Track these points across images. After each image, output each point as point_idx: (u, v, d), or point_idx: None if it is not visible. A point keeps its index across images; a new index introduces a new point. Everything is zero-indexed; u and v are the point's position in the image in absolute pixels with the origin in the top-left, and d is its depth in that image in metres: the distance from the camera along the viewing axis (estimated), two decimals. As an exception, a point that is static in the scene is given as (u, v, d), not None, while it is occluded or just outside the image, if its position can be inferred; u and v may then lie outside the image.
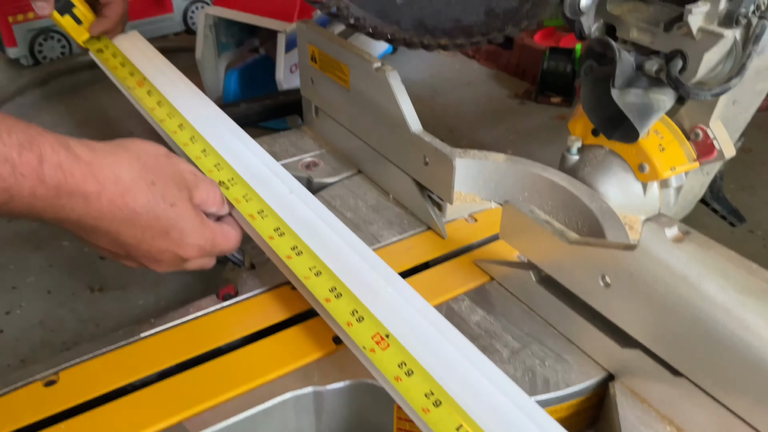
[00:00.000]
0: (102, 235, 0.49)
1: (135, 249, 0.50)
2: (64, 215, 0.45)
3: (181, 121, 0.70)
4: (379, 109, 0.69)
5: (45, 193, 0.43)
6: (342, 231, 0.59)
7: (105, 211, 0.46)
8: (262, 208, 0.60)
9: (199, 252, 0.53)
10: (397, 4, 0.45)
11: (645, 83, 0.63)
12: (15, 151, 0.40)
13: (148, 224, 0.49)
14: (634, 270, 0.46)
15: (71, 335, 0.68)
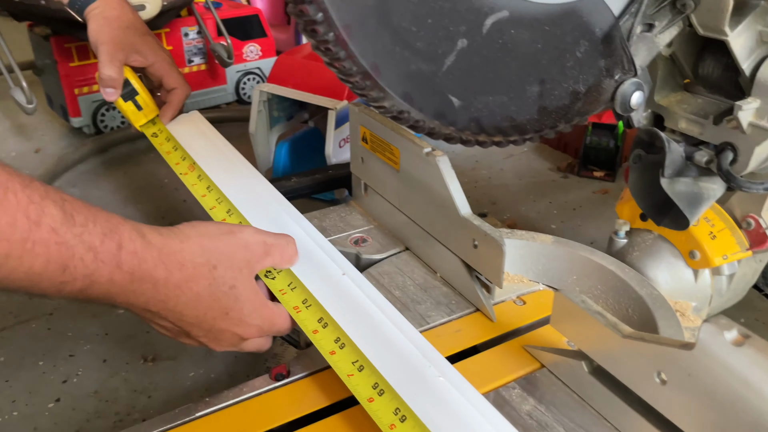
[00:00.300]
0: (165, 317, 0.51)
1: (196, 329, 0.53)
2: (134, 299, 0.48)
3: (229, 207, 0.71)
4: (429, 190, 0.71)
5: (121, 278, 0.45)
6: (394, 315, 0.60)
7: (171, 295, 0.49)
8: (306, 298, 0.60)
9: (257, 332, 0.55)
10: (454, 107, 0.47)
11: (694, 172, 0.63)
12: (98, 239, 0.43)
13: (209, 306, 0.51)
14: (692, 370, 0.45)
15: (124, 406, 0.70)
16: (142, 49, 0.79)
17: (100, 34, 0.77)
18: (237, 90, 1.47)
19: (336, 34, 0.41)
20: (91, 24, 0.79)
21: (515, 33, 0.48)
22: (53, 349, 0.78)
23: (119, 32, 0.78)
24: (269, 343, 0.58)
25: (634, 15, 0.53)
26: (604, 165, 1.17)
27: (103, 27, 0.78)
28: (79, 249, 0.42)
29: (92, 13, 0.79)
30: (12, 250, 0.39)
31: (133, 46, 0.79)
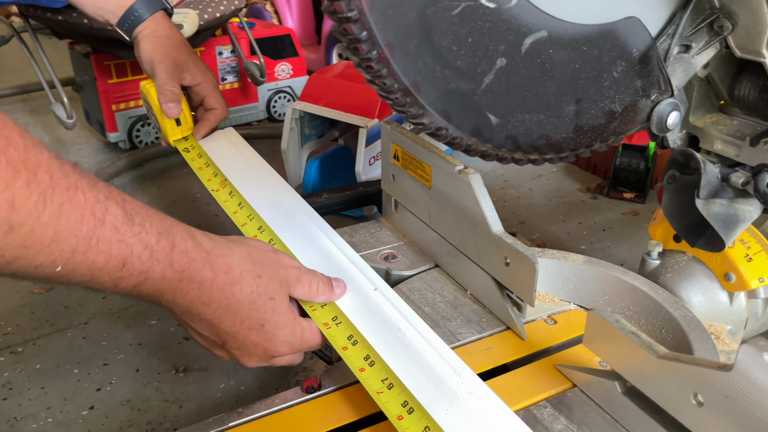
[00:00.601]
0: (205, 321, 0.52)
1: (231, 338, 0.53)
2: (180, 298, 0.49)
3: (261, 224, 0.72)
4: (460, 208, 0.71)
5: (171, 276, 0.47)
6: (425, 331, 0.60)
7: (214, 297, 0.50)
8: (336, 315, 0.61)
9: (289, 348, 0.55)
10: (491, 125, 0.48)
11: (730, 194, 0.63)
12: (154, 238, 0.45)
13: (247, 315, 0.52)
14: (730, 392, 0.45)
15: (156, 416, 0.71)
16: (192, 68, 0.82)
17: (156, 53, 0.80)
18: (268, 108, 1.50)
19: (379, 52, 0.42)
20: (143, 44, 0.82)
21: (553, 53, 0.49)
22: (88, 357, 0.79)
23: (173, 51, 0.81)
24: (300, 359, 0.59)
25: (671, 36, 0.53)
26: (634, 186, 1.16)
27: (157, 46, 0.81)
28: (137, 247, 0.44)
29: (143, 33, 0.82)
30: (79, 245, 0.41)
31: (185, 64, 0.82)
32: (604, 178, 1.22)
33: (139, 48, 0.82)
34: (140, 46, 0.82)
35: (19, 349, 0.81)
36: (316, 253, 0.71)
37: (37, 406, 0.72)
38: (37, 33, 1.20)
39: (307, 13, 1.82)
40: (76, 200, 0.40)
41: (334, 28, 0.42)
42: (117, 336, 0.83)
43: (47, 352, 0.80)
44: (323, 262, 0.69)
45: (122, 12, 0.82)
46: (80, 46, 1.33)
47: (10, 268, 0.40)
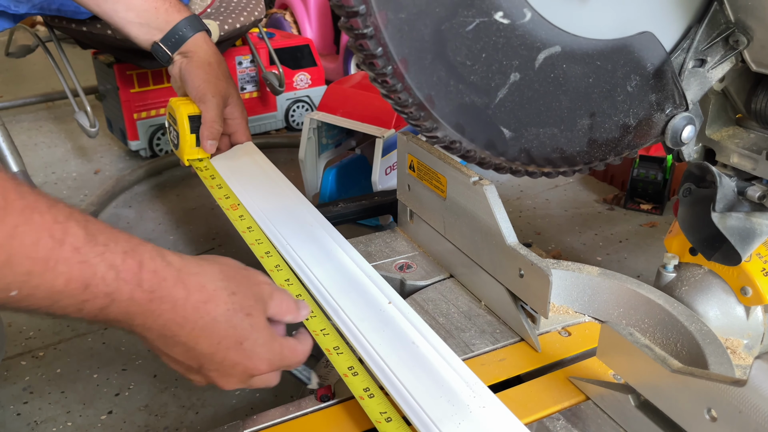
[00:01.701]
0: (180, 344, 0.48)
1: (209, 360, 0.50)
2: (152, 321, 0.46)
3: (269, 248, 0.73)
4: (475, 219, 0.72)
5: (141, 297, 0.45)
6: (438, 345, 0.60)
7: (189, 317, 0.48)
8: (338, 345, 0.61)
9: (268, 366, 0.53)
10: (505, 138, 0.48)
11: (746, 207, 0.63)
12: (119, 258, 0.43)
13: (225, 333, 0.50)
14: (743, 407, 0.45)
15: (173, 421, 0.72)
16: (233, 102, 0.85)
17: (209, 85, 0.82)
18: (287, 117, 1.51)
19: (394, 67, 0.42)
20: (195, 69, 0.83)
21: (567, 67, 0.49)
22: (107, 362, 0.81)
23: (222, 83, 0.84)
24: (277, 379, 0.56)
25: (686, 50, 0.53)
26: (651, 198, 1.16)
27: (210, 77, 0.83)
28: (101, 267, 0.42)
29: (193, 54, 0.84)
30: (35, 267, 0.39)
31: (230, 98, 0.85)
32: (621, 190, 1.22)
33: (187, 71, 0.84)
34: (189, 69, 0.84)
35: (41, 354, 0.82)
36: (331, 266, 0.72)
37: (57, 409, 0.73)
38: (62, 42, 1.23)
39: (326, 23, 1.84)
40: (32, 221, 0.39)
41: (350, 44, 0.43)
42: (135, 342, 0.84)
43: (67, 357, 0.82)
44: (338, 274, 0.70)
45: (169, 28, 0.84)
46: (104, 55, 1.35)
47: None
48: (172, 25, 0.84)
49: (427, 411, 0.52)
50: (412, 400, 0.53)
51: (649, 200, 1.16)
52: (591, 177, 1.30)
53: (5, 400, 0.75)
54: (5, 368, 0.80)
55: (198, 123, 0.84)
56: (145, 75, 1.32)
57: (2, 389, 0.77)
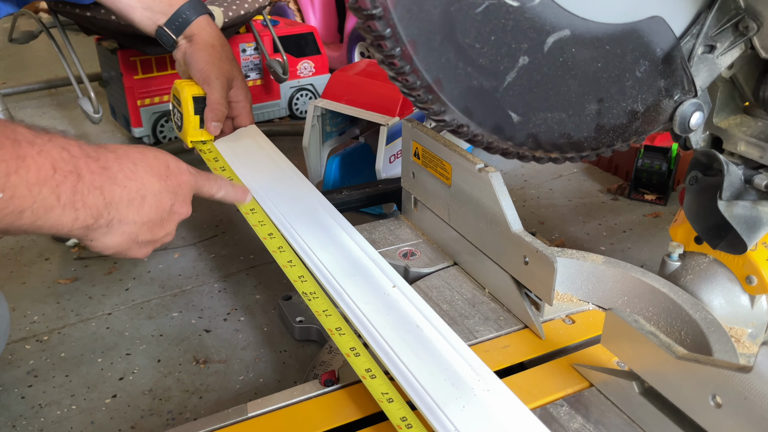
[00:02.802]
0: (145, 196, 0.57)
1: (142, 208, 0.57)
2: (114, 188, 0.54)
3: (272, 230, 0.73)
4: (480, 206, 0.72)
5: (96, 167, 0.52)
6: (443, 328, 0.60)
7: (127, 167, 0.56)
8: (341, 326, 0.62)
9: None
10: (513, 123, 0.48)
11: (753, 196, 0.62)
12: (63, 141, 0.50)
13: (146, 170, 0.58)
14: (748, 393, 0.45)
15: (177, 405, 0.72)
16: (238, 84, 0.86)
17: (213, 67, 0.83)
18: (290, 105, 1.51)
19: (402, 49, 0.42)
20: (199, 51, 0.83)
21: (576, 51, 0.49)
22: (111, 347, 0.81)
23: (226, 65, 0.84)
24: None
25: (695, 36, 0.53)
26: (655, 188, 1.15)
27: (214, 58, 0.83)
28: (55, 151, 0.49)
29: (198, 38, 0.84)
30: (9, 167, 0.45)
31: (234, 81, 0.85)
32: (625, 180, 1.22)
33: (191, 53, 0.84)
34: (193, 51, 0.84)
35: (45, 338, 0.83)
36: (335, 249, 0.72)
37: (61, 393, 0.74)
38: (65, 28, 1.22)
39: (330, 11, 1.83)
40: None
41: (359, 25, 0.43)
42: (139, 327, 0.84)
43: (72, 341, 0.82)
44: (342, 258, 0.70)
45: (172, 11, 0.84)
46: (107, 42, 1.35)
47: None
48: (175, 9, 0.84)
49: (431, 394, 0.52)
50: (416, 383, 0.53)
51: (654, 190, 1.16)
52: (595, 167, 1.29)
53: (9, 384, 0.75)
54: (9, 352, 0.80)
55: (202, 104, 0.84)
56: (149, 61, 1.32)
57: (6, 373, 0.77)
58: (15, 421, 0.70)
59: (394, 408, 0.52)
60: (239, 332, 0.83)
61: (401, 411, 0.52)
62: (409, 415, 0.52)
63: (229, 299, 0.90)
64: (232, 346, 0.81)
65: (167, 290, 0.92)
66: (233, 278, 0.94)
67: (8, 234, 0.52)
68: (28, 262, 0.99)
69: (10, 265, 0.98)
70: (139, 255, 0.61)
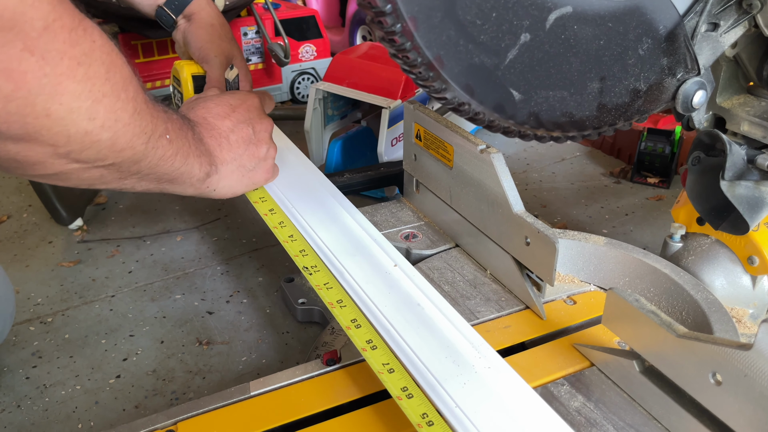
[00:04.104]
0: (238, 121, 0.69)
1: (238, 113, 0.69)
2: (215, 121, 0.67)
3: (273, 206, 0.74)
4: (482, 187, 0.72)
5: (191, 125, 0.63)
6: (444, 307, 0.61)
7: None
8: (341, 298, 0.62)
9: None
10: (514, 101, 0.48)
11: (756, 176, 0.62)
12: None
13: None
14: (749, 371, 0.45)
15: (180, 386, 0.72)
16: (236, 63, 0.86)
17: (212, 45, 0.84)
18: (292, 89, 1.50)
19: (403, 25, 0.42)
20: (197, 30, 0.84)
21: (578, 29, 0.48)
22: (115, 329, 0.81)
23: (225, 43, 0.85)
24: None
25: (698, 14, 0.53)
26: (658, 171, 1.15)
27: (213, 37, 0.84)
28: (171, 110, 0.58)
29: (197, 16, 0.85)
30: (165, 117, 0.55)
31: (234, 60, 0.86)
32: (628, 163, 1.21)
33: (190, 32, 0.84)
34: (192, 30, 0.84)
35: (49, 320, 0.83)
36: (337, 229, 0.72)
37: (65, 374, 0.74)
38: (67, 12, 1.22)
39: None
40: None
41: (359, 1, 0.42)
42: (143, 309, 0.85)
43: (75, 323, 0.82)
44: (343, 237, 0.70)
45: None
46: (108, 26, 1.34)
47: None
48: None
49: (432, 371, 0.53)
50: (417, 360, 0.54)
51: (657, 174, 1.15)
52: (598, 150, 1.29)
53: (14, 365, 0.76)
54: (14, 334, 0.81)
55: (202, 83, 0.84)
56: (150, 45, 1.31)
57: (11, 354, 0.77)
58: (20, 401, 0.71)
59: (395, 378, 0.53)
60: (242, 314, 0.84)
61: (402, 381, 0.52)
62: (410, 385, 0.52)
63: (231, 282, 0.90)
64: (234, 327, 0.81)
65: (170, 273, 0.92)
66: (236, 261, 0.95)
67: (159, 186, 0.59)
68: (32, 246, 0.99)
69: (14, 248, 0.99)
70: (261, 178, 0.73)
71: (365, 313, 0.59)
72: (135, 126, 0.49)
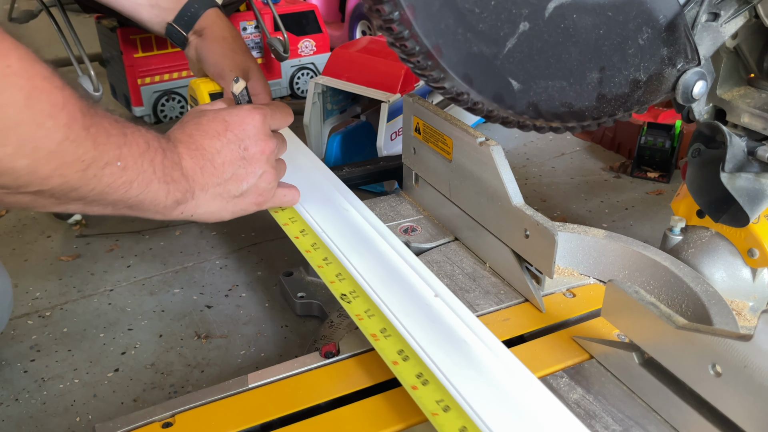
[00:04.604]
0: (229, 142, 0.62)
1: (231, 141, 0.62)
2: (202, 143, 0.61)
3: (303, 227, 0.72)
4: (481, 180, 0.71)
5: (179, 135, 0.60)
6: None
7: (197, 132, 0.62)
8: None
9: None
10: (513, 90, 0.47)
11: (756, 168, 0.62)
12: (145, 126, 0.56)
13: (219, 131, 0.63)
14: (748, 362, 0.45)
15: (178, 379, 0.72)
16: (254, 76, 0.82)
17: (226, 59, 0.80)
18: (291, 84, 1.50)
19: (401, 13, 0.42)
20: (211, 44, 0.80)
21: (577, 18, 0.48)
22: (113, 322, 0.81)
23: (240, 57, 0.81)
24: None
25: (699, 3, 0.52)
26: (658, 166, 1.15)
27: (226, 51, 0.80)
28: (143, 130, 0.54)
29: (208, 31, 0.81)
30: (120, 140, 0.50)
31: (250, 73, 0.82)
32: (628, 157, 1.21)
33: (203, 48, 0.81)
34: (205, 46, 0.81)
35: (47, 314, 0.83)
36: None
37: (64, 367, 0.74)
38: (65, 7, 1.21)
39: (331, -10, 1.81)
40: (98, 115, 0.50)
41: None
42: (141, 303, 0.84)
43: (74, 317, 0.82)
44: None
45: (180, 6, 0.81)
46: (107, 20, 1.34)
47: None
48: (182, 3, 0.81)
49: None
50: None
51: (657, 168, 1.15)
52: (598, 145, 1.29)
53: (12, 358, 0.76)
54: (12, 327, 0.81)
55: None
56: (149, 39, 1.31)
57: (9, 347, 0.77)
58: (18, 394, 0.70)
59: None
60: (241, 308, 0.83)
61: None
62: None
63: (230, 276, 0.90)
64: (233, 321, 0.81)
65: (169, 267, 0.92)
66: (235, 255, 0.95)
67: (116, 211, 0.55)
68: (31, 240, 0.99)
69: (13, 242, 0.99)
70: (250, 205, 0.66)
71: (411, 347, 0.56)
72: (65, 154, 0.46)
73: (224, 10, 1.22)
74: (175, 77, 1.35)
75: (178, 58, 1.34)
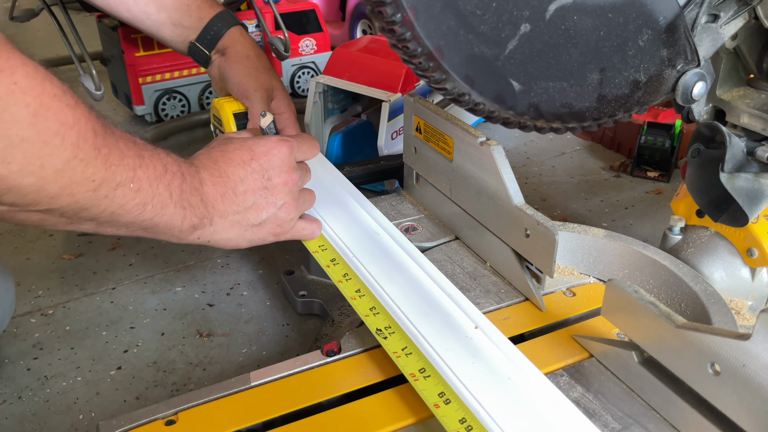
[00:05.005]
0: (251, 172, 0.62)
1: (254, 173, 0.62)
2: (219, 172, 0.60)
3: (334, 255, 0.70)
4: (481, 180, 0.72)
5: (195, 162, 0.60)
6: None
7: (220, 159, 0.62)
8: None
9: None
10: (514, 91, 0.48)
11: (755, 168, 0.62)
12: (164, 151, 0.56)
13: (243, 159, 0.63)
14: (747, 361, 0.45)
15: (180, 377, 0.73)
16: (279, 95, 0.81)
17: (250, 79, 0.79)
18: (292, 83, 1.50)
19: (403, 15, 0.42)
20: (234, 63, 0.79)
21: (578, 19, 0.48)
22: (115, 321, 0.82)
23: (264, 75, 0.80)
24: None
25: (699, 5, 0.53)
26: (658, 165, 1.15)
27: (250, 70, 0.79)
28: (161, 154, 0.55)
29: (232, 50, 0.80)
30: (135, 162, 0.51)
31: (274, 91, 0.81)
32: (628, 157, 1.21)
33: (226, 67, 0.80)
34: (228, 65, 0.80)
35: (50, 312, 0.83)
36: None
37: (66, 365, 0.74)
38: (67, 6, 1.22)
39: (332, -11, 1.81)
40: (114, 135, 0.51)
41: (359, -8, 0.42)
42: (143, 301, 0.85)
43: (76, 315, 0.83)
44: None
45: (203, 25, 0.80)
46: (108, 19, 1.34)
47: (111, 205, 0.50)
48: (205, 22, 0.81)
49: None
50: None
51: (656, 168, 1.15)
52: (598, 144, 1.29)
53: (15, 356, 0.76)
54: (14, 326, 0.81)
55: (244, 120, 0.80)
56: (150, 38, 1.31)
57: (12, 345, 0.78)
58: (21, 392, 0.71)
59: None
60: (242, 306, 0.84)
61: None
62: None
63: (232, 274, 0.90)
64: (235, 319, 0.81)
65: (170, 265, 0.92)
66: (236, 254, 0.95)
67: (131, 232, 0.55)
68: (33, 238, 0.99)
69: (15, 241, 0.99)
70: (268, 235, 0.65)
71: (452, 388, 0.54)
72: (73, 173, 0.45)
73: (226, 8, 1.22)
74: (176, 76, 1.36)
75: (180, 57, 1.34)
